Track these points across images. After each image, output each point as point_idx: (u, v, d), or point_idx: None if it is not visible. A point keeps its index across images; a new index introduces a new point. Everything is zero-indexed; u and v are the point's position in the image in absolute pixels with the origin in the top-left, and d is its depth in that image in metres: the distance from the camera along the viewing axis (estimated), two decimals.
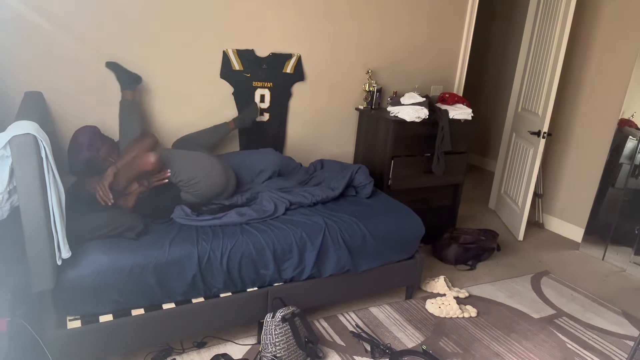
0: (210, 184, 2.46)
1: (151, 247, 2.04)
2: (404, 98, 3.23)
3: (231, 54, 2.93)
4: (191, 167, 2.43)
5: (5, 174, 1.67)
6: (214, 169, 2.49)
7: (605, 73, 3.55)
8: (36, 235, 1.70)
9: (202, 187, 2.42)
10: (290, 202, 2.57)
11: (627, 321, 2.75)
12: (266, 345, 2.08)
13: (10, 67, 2.39)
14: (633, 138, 3.31)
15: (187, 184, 2.39)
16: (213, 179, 2.47)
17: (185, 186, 2.40)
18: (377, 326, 2.52)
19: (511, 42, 5.21)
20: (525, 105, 3.89)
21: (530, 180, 3.65)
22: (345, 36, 3.26)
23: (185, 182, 2.38)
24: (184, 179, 2.38)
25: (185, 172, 2.39)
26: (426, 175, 3.26)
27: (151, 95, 2.77)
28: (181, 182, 2.38)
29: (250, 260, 2.20)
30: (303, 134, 3.34)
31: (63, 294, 1.86)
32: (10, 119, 2.08)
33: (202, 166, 2.47)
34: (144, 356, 2.15)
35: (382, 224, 2.55)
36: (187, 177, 2.39)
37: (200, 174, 2.42)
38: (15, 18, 2.34)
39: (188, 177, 2.39)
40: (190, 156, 2.51)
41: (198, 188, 2.41)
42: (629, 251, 3.39)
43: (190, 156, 2.51)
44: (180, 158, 2.46)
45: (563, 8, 3.29)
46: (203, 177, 2.43)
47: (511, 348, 2.42)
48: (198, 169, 2.44)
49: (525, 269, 3.31)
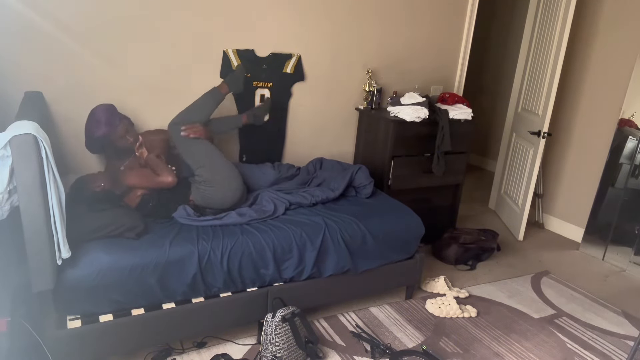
0: (223, 197, 2.46)
1: (151, 247, 2.04)
2: (404, 98, 3.23)
3: (231, 54, 2.93)
4: (217, 172, 2.45)
5: (5, 174, 1.67)
6: (233, 185, 2.48)
7: (605, 73, 3.55)
8: (36, 235, 1.70)
9: (214, 194, 2.43)
10: (290, 203, 2.57)
11: (627, 321, 2.75)
12: (266, 345, 2.08)
13: (10, 67, 2.39)
14: (633, 138, 3.30)
15: (203, 182, 2.42)
16: (227, 192, 2.46)
17: (199, 182, 2.43)
18: (377, 326, 2.52)
19: (511, 42, 5.21)
20: (525, 105, 3.89)
21: (530, 180, 3.65)
22: (345, 36, 3.26)
23: (202, 180, 2.42)
24: (205, 177, 2.42)
25: (209, 173, 2.42)
26: (426, 175, 3.26)
27: (150, 96, 2.77)
28: (199, 177, 2.42)
29: (250, 260, 2.20)
30: (303, 134, 3.34)
31: (63, 294, 1.86)
32: (10, 119, 2.08)
33: (225, 177, 2.47)
34: (144, 356, 2.15)
35: (382, 224, 2.55)
36: (207, 177, 2.42)
37: (218, 183, 2.43)
38: (15, 18, 2.34)
39: (208, 179, 2.42)
40: (222, 162, 2.51)
41: (210, 193, 2.43)
42: (629, 251, 3.39)
43: (222, 162, 2.51)
44: (215, 158, 2.49)
45: (563, 8, 3.29)
46: (220, 187, 2.44)
47: (511, 348, 2.42)
48: (221, 178, 2.45)
49: (525, 269, 3.31)
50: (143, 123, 2.79)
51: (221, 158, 2.52)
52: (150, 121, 2.81)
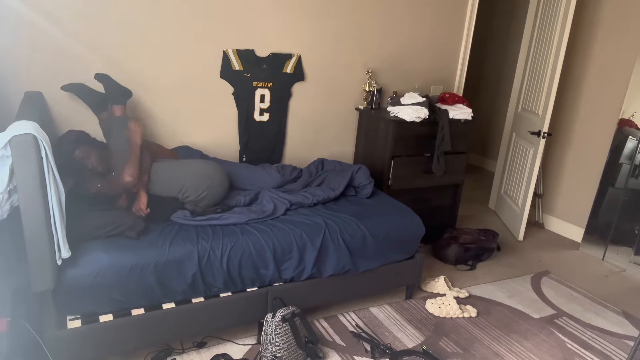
0: (215, 196, 2.44)
1: (151, 247, 2.04)
2: (404, 98, 3.23)
3: (231, 54, 2.93)
4: (196, 181, 2.39)
5: (5, 174, 1.67)
6: (217, 178, 2.45)
7: (605, 73, 3.55)
8: (36, 235, 1.70)
9: (207, 199, 2.41)
10: (291, 203, 2.57)
11: (627, 321, 2.75)
12: (266, 345, 2.08)
13: (10, 67, 2.39)
14: (633, 138, 3.30)
15: (195, 200, 2.38)
16: (217, 187, 2.44)
17: (192, 202, 2.39)
18: (377, 326, 2.52)
19: (511, 42, 5.21)
20: (525, 105, 3.89)
21: (530, 180, 3.65)
22: (345, 36, 3.26)
23: (193, 199, 2.38)
24: (191, 195, 2.37)
25: (192, 188, 2.37)
26: (426, 175, 3.26)
27: (151, 95, 2.77)
28: (188, 198, 2.38)
29: (250, 260, 2.20)
30: (303, 134, 3.34)
31: (63, 294, 1.86)
32: (10, 119, 2.08)
33: (207, 177, 2.42)
34: (144, 356, 2.15)
35: (382, 224, 2.55)
36: (194, 192, 2.37)
37: (206, 187, 2.39)
38: (15, 18, 2.34)
39: (195, 193, 2.37)
40: (194, 168, 2.45)
41: (204, 201, 2.40)
42: (629, 251, 3.39)
43: (194, 168, 2.45)
44: (185, 173, 2.41)
45: (563, 8, 3.29)
46: (209, 190, 2.40)
47: (511, 348, 2.42)
48: (204, 181, 2.40)
49: (525, 269, 3.31)
50: (143, 124, 2.79)
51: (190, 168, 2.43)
52: (150, 122, 2.81)
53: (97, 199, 2.26)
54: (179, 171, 2.42)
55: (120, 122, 2.42)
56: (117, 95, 2.48)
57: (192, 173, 2.41)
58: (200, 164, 2.51)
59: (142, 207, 2.26)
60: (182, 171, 2.42)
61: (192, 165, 2.49)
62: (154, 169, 2.39)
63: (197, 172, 2.42)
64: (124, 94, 2.52)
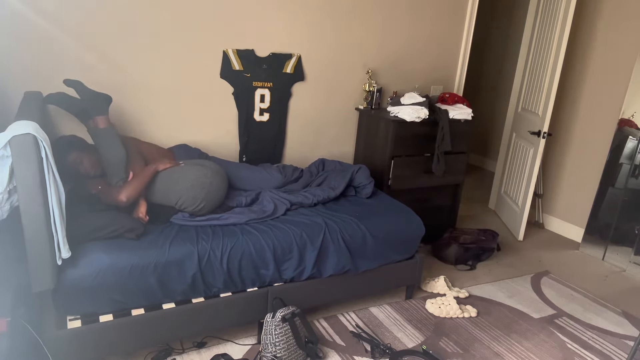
0: (213, 203, 2.41)
1: (151, 247, 2.04)
2: (404, 98, 3.23)
3: (231, 54, 2.93)
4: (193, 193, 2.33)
5: (5, 174, 1.67)
6: (214, 185, 2.40)
7: (605, 73, 3.55)
8: (36, 235, 1.70)
9: (205, 208, 2.38)
10: (291, 203, 2.57)
11: (627, 321, 2.75)
12: (266, 345, 2.08)
13: (10, 67, 2.39)
14: (633, 138, 3.30)
15: (192, 211, 2.35)
16: (214, 193, 2.39)
17: (190, 212, 2.36)
18: (377, 326, 2.52)
19: (511, 42, 5.21)
20: (525, 105, 3.89)
21: (530, 180, 3.65)
22: (345, 36, 3.26)
23: (190, 210, 2.35)
24: (189, 207, 2.34)
25: (189, 201, 2.33)
26: (426, 175, 3.26)
27: (151, 95, 2.77)
28: (186, 209, 2.35)
29: (250, 260, 2.20)
30: (303, 134, 3.34)
31: (63, 294, 1.86)
32: (10, 119, 2.08)
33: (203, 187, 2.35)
34: (144, 356, 2.15)
35: (382, 224, 2.55)
36: (190, 204, 2.34)
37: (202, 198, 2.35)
38: (15, 18, 2.34)
39: (192, 205, 2.34)
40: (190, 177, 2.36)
41: (202, 211, 2.37)
42: (629, 251, 3.39)
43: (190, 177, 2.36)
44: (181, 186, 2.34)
45: (563, 8, 3.29)
46: (206, 200, 2.36)
47: (511, 348, 2.42)
48: (200, 193, 2.34)
49: (525, 269, 3.31)
50: (143, 123, 2.79)
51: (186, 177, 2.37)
52: (150, 122, 2.81)
53: (98, 199, 2.26)
54: (174, 183, 2.35)
55: (106, 134, 2.32)
56: (96, 104, 2.34)
57: (188, 186, 2.34)
58: (196, 172, 2.40)
59: (141, 216, 2.26)
60: (177, 183, 2.35)
61: (188, 175, 2.38)
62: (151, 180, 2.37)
63: (193, 183, 2.34)
64: (104, 100, 2.38)
